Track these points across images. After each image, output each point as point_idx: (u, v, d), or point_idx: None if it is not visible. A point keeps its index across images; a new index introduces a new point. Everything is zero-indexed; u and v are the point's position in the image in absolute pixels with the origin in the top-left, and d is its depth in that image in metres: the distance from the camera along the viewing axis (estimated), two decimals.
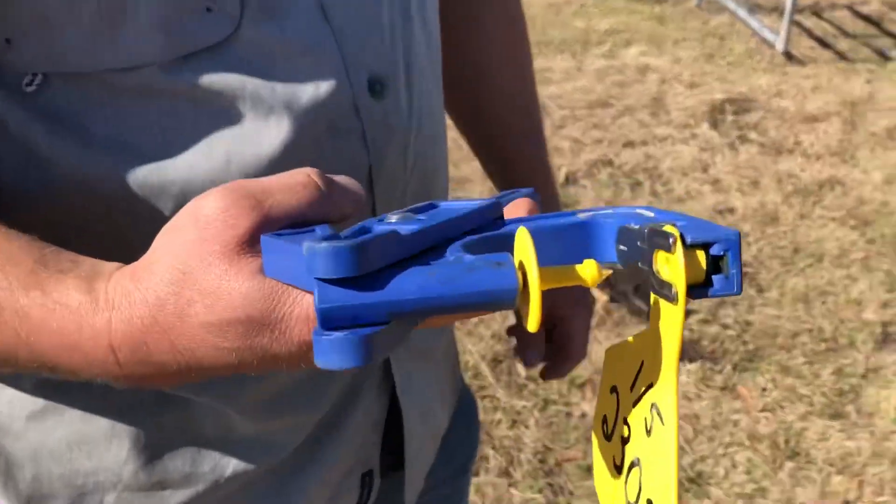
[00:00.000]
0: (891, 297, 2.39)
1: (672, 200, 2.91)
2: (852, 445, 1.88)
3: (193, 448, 0.57)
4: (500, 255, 0.30)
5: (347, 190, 0.40)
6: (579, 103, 3.69)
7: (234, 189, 0.36)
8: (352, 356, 0.28)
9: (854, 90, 3.96)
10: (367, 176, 0.54)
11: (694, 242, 0.29)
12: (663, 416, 0.31)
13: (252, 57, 0.47)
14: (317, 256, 0.28)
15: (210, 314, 0.35)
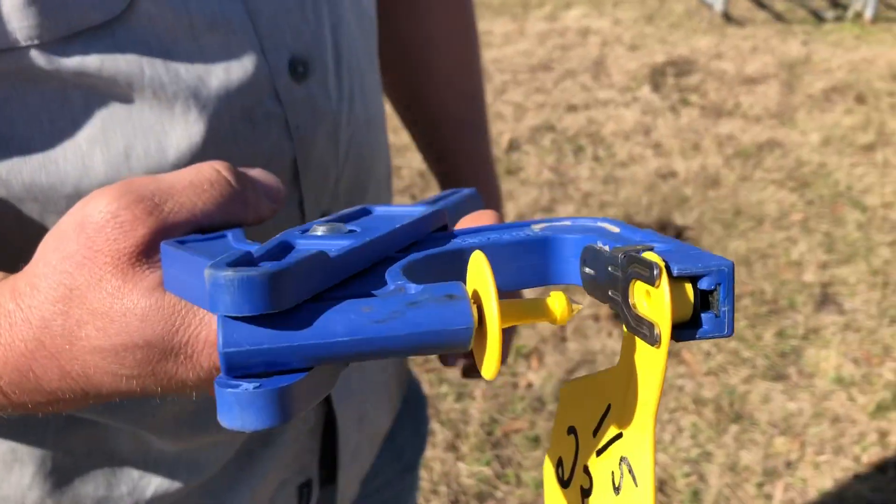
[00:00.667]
0: (829, 258, 2.43)
1: (615, 165, 2.90)
2: (794, 406, 1.90)
3: (108, 470, 0.51)
4: (451, 286, 0.24)
5: (264, 187, 0.36)
6: (521, 67, 3.65)
7: (127, 191, 0.31)
8: (263, 414, 0.23)
9: (791, 52, 3.99)
10: (291, 167, 0.48)
11: (681, 274, 0.24)
12: (637, 475, 0.27)
13: (150, 36, 0.41)
14: (220, 288, 0.22)
15: (103, 338, 0.30)
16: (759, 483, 1.71)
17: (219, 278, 0.22)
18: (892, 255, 2.44)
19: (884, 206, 2.69)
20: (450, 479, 1.71)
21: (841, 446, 1.81)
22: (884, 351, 2.07)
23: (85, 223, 0.31)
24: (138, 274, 0.30)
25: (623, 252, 0.26)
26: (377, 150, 0.58)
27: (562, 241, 0.30)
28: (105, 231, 0.30)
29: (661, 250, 0.26)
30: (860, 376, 1.99)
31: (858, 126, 3.23)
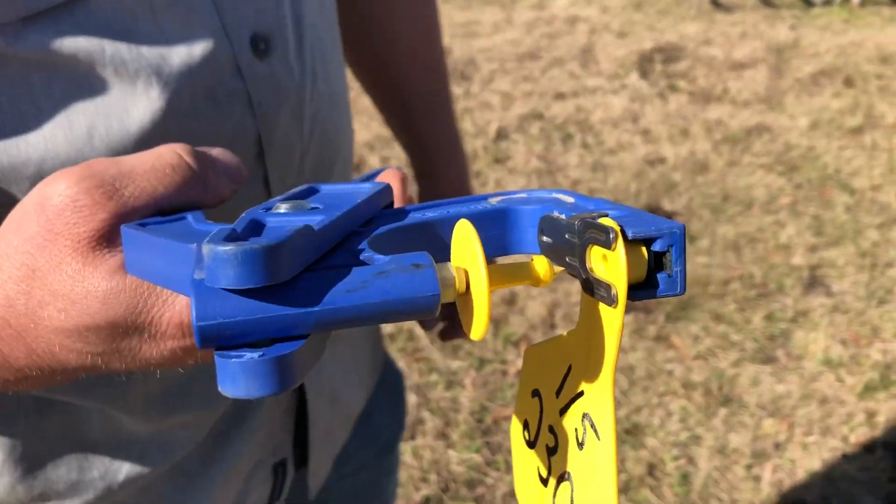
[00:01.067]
0: (817, 241, 2.43)
1: (604, 152, 2.90)
2: (782, 389, 1.91)
3: (80, 454, 0.51)
4: (417, 255, 0.25)
5: (225, 167, 0.36)
6: (509, 56, 3.64)
7: (87, 175, 0.31)
8: (268, 381, 0.23)
9: (779, 36, 3.99)
10: (255, 144, 0.48)
11: (635, 237, 0.25)
12: (599, 430, 0.28)
13: (110, 16, 0.41)
14: (224, 262, 0.22)
15: (65, 319, 0.31)
16: (747, 465, 1.71)
17: (220, 253, 0.22)
18: (879, 236, 2.45)
19: (872, 188, 2.69)
20: (440, 467, 1.71)
21: (829, 427, 1.81)
22: (872, 332, 2.08)
23: (45, 205, 0.31)
24: (98, 257, 0.30)
25: (579, 219, 0.27)
26: (342, 127, 0.58)
27: (520, 213, 0.31)
28: (65, 215, 0.30)
29: (615, 216, 0.27)
30: (848, 357, 1.99)
31: (846, 109, 3.23)
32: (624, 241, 0.25)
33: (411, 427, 1.80)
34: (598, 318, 0.27)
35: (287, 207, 0.29)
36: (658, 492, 1.66)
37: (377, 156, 2.81)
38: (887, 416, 1.84)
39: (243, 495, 0.60)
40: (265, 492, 0.62)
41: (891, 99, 3.31)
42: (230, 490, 0.58)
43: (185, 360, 0.33)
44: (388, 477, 0.80)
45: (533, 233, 0.31)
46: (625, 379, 1.93)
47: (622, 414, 1.83)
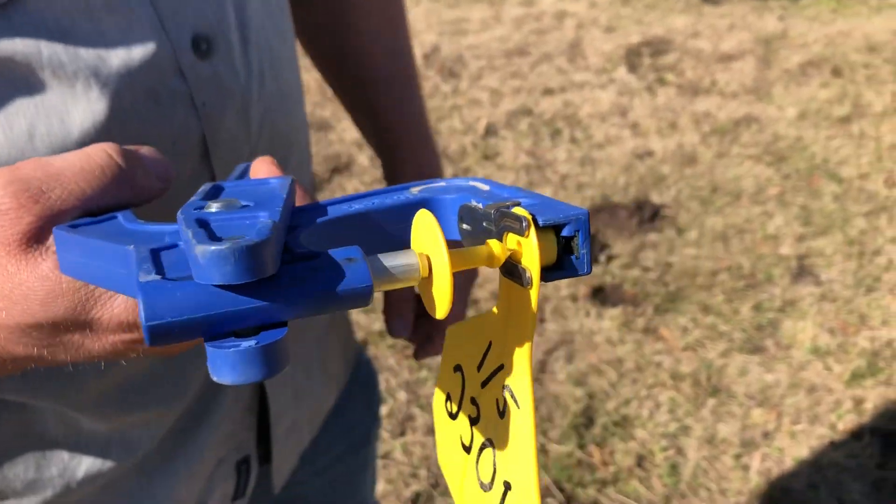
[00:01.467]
0: (805, 230, 2.44)
1: (592, 146, 2.90)
2: (771, 378, 1.92)
3: (37, 452, 0.51)
4: (349, 250, 0.27)
5: (154, 165, 0.36)
6: (497, 53, 3.65)
7: (13, 179, 0.32)
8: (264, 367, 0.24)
9: (767, 27, 3.99)
10: (200, 145, 0.48)
11: (546, 224, 0.28)
12: (518, 399, 0.30)
13: (47, 17, 0.41)
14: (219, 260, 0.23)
15: (7, 318, 0.32)
16: (736, 454, 1.72)
17: (215, 252, 0.23)
18: (867, 225, 2.45)
19: (860, 177, 2.70)
20: (430, 463, 1.72)
21: (817, 415, 1.82)
22: (860, 320, 2.08)
23: None
24: (32, 260, 0.31)
25: (495, 208, 0.28)
26: (294, 125, 0.59)
27: (441, 202, 0.33)
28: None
29: (527, 204, 0.29)
30: (836, 346, 2.00)
31: (834, 99, 3.23)
32: (535, 229, 0.27)
33: (401, 423, 1.81)
34: (516, 297, 0.29)
35: (220, 206, 0.30)
36: (647, 483, 1.66)
37: (366, 154, 2.82)
38: (875, 402, 1.84)
39: (206, 492, 0.60)
40: (228, 489, 0.62)
41: (878, 88, 3.31)
42: (192, 487, 0.59)
43: (128, 353, 0.34)
44: (364, 470, 0.81)
45: (454, 220, 0.32)
46: (613, 371, 1.93)
47: (611, 406, 1.84)
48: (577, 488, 1.65)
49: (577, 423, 1.79)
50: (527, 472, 0.29)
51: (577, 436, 1.76)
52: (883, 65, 3.53)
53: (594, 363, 1.96)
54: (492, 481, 0.32)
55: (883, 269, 2.27)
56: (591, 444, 1.76)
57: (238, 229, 0.26)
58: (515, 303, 0.29)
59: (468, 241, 0.32)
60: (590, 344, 2.02)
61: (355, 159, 2.80)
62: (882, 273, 2.25)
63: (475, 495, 0.33)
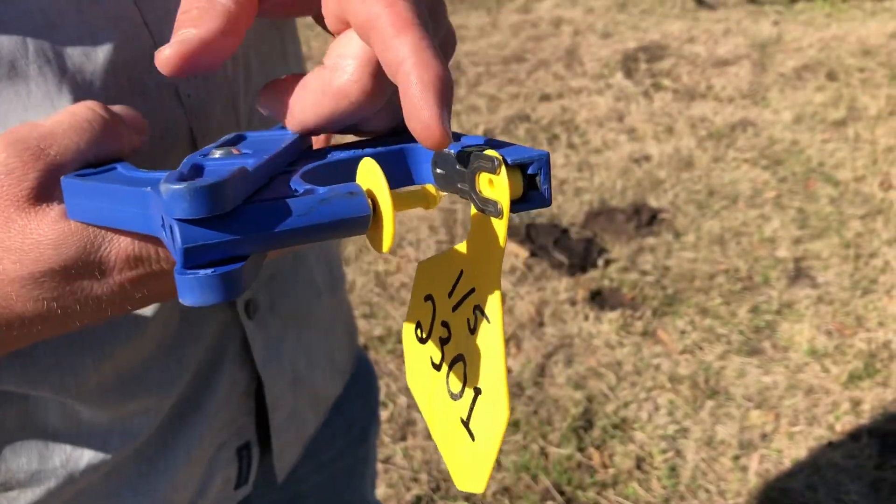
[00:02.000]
0: (802, 233, 2.45)
1: (589, 151, 2.92)
2: (769, 380, 1.93)
3: (40, 443, 0.52)
4: (349, 186, 0.30)
5: (130, 120, 0.38)
6: (494, 59, 3.67)
7: (13, 141, 0.34)
8: (220, 291, 0.28)
9: (763, 32, 4.02)
10: (188, 137, 0.49)
11: (514, 163, 0.31)
12: (489, 315, 0.33)
13: (34, 11, 0.42)
14: (179, 197, 0.27)
15: (21, 269, 0.34)
16: (734, 456, 1.73)
17: (176, 190, 0.27)
18: (863, 227, 2.47)
19: (855, 180, 2.72)
20: (431, 467, 1.73)
21: (815, 416, 1.83)
22: (856, 322, 2.10)
23: None
24: (41, 210, 0.33)
25: (468, 152, 0.33)
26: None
27: (415, 150, 0.37)
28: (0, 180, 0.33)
29: (494, 146, 0.33)
30: (833, 347, 2.02)
31: (830, 102, 3.26)
32: (505, 167, 0.31)
33: (402, 428, 1.82)
34: (487, 228, 0.33)
35: (220, 153, 0.34)
36: (646, 485, 1.68)
37: None
38: (872, 404, 1.86)
39: (207, 478, 0.61)
40: (231, 475, 0.63)
41: (873, 91, 3.33)
42: (192, 472, 0.60)
43: (134, 295, 0.36)
44: (364, 467, 0.82)
45: (428, 166, 0.36)
46: (612, 374, 1.95)
47: (610, 409, 1.85)
48: (576, 491, 1.66)
49: (577, 426, 1.80)
50: (497, 377, 0.33)
51: (577, 439, 1.77)
52: (878, 68, 3.55)
53: (593, 366, 1.97)
54: (461, 391, 0.35)
55: (879, 271, 2.29)
56: (590, 446, 1.77)
57: (224, 172, 0.29)
58: (487, 233, 0.33)
59: (441, 183, 0.36)
60: (588, 347, 2.03)
61: None
62: (878, 275, 2.27)
63: (444, 407, 0.36)
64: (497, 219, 0.32)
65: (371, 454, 0.84)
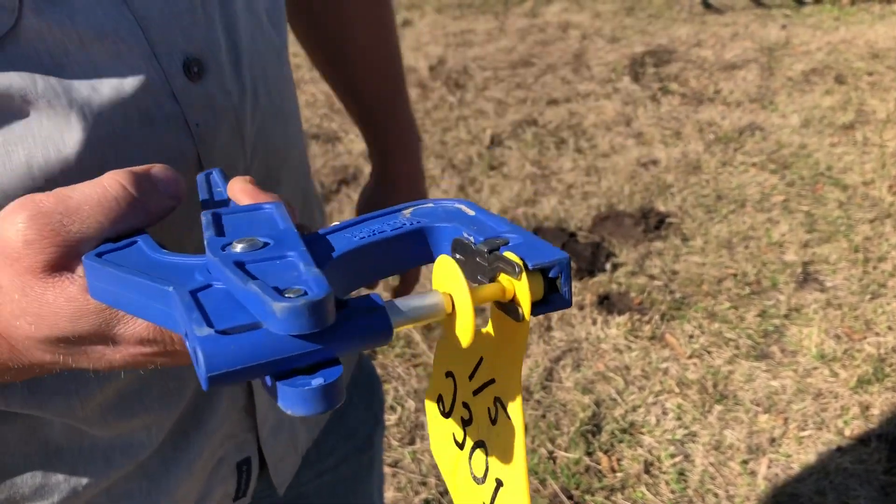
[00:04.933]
0: (810, 237, 2.45)
1: (597, 155, 2.92)
2: (777, 384, 1.93)
3: (44, 458, 0.53)
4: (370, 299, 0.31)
5: (165, 185, 0.39)
6: (502, 64, 3.67)
7: (36, 214, 0.35)
8: (326, 401, 0.28)
9: (771, 36, 4.02)
10: (196, 164, 0.50)
11: (535, 268, 0.31)
12: (509, 412, 0.34)
13: (40, 50, 0.43)
14: (295, 315, 0.27)
15: (37, 332, 0.35)
16: (743, 461, 1.73)
17: (290, 308, 0.27)
18: (872, 231, 2.46)
19: (864, 183, 2.71)
20: (439, 471, 1.73)
21: (823, 421, 1.83)
22: (865, 326, 2.09)
23: (2, 237, 0.35)
24: (59, 282, 0.35)
25: (488, 248, 0.33)
26: (289, 140, 0.60)
27: (436, 230, 0.37)
28: (18, 249, 0.34)
29: (514, 245, 0.33)
30: (842, 352, 2.01)
31: (838, 106, 3.25)
32: (526, 273, 0.31)
33: (410, 432, 1.82)
34: (507, 326, 0.33)
35: (245, 246, 0.33)
36: (655, 489, 1.68)
37: None
38: (881, 408, 1.85)
39: (206, 491, 0.62)
40: (230, 489, 0.64)
41: (881, 95, 3.33)
42: (192, 486, 0.60)
43: (147, 364, 0.38)
44: (369, 474, 0.82)
45: (447, 247, 0.36)
46: (620, 379, 1.95)
47: (619, 413, 1.85)
48: (585, 495, 1.66)
49: (585, 430, 1.81)
50: (518, 476, 0.33)
51: (585, 443, 1.78)
52: (886, 72, 3.54)
53: (601, 371, 1.98)
54: (484, 476, 0.36)
55: (888, 275, 2.28)
56: (598, 451, 1.77)
57: (285, 277, 0.30)
58: (508, 332, 0.33)
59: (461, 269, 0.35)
60: (597, 351, 2.03)
61: (362, 170, 2.82)
62: (887, 279, 2.26)
63: (468, 486, 0.37)
64: (518, 322, 0.32)
65: (376, 460, 0.85)
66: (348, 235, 0.36)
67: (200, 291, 0.31)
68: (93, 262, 0.34)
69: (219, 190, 0.43)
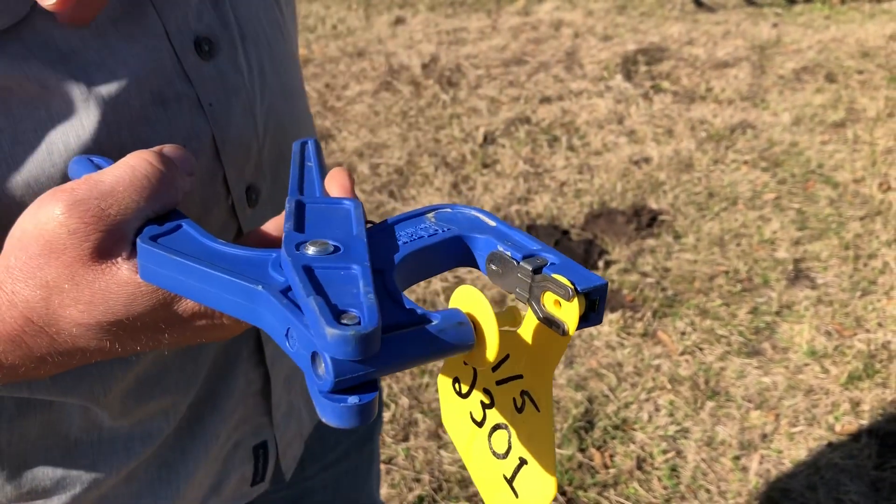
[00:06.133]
0: (801, 234, 2.46)
1: (589, 153, 2.93)
2: (768, 381, 1.94)
3: (63, 451, 0.54)
4: (457, 314, 0.34)
5: (182, 163, 0.39)
6: (494, 62, 3.68)
7: (75, 203, 0.35)
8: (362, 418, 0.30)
9: (762, 34, 4.03)
10: (211, 144, 0.50)
11: (583, 292, 0.35)
12: (539, 405, 0.36)
13: (57, 36, 0.43)
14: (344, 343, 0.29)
15: (89, 317, 0.36)
16: (735, 456, 1.74)
17: (340, 336, 0.29)
18: (862, 228, 2.48)
19: (854, 181, 2.73)
20: (433, 467, 1.74)
21: (814, 417, 1.84)
22: (856, 322, 2.11)
23: (43, 230, 0.35)
24: (107, 268, 0.35)
25: (533, 268, 0.36)
26: (298, 119, 0.60)
27: (473, 240, 0.40)
28: (62, 239, 0.35)
29: (556, 266, 0.36)
30: (833, 348, 2.03)
31: (829, 104, 3.27)
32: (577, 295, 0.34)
33: (404, 429, 1.83)
34: (547, 336, 0.36)
35: (316, 250, 0.35)
36: (647, 485, 1.69)
37: (367, 163, 2.84)
38: (871, 404, 1.87)
39: (223, 475, 0.63)
40: (247, 473, 0.65)
41: (872, 93, 3.35)
42: (208, 470, 0.61)
43: (192, 340, 0.38)
44: (370, 465, 0.83)
45: (480, 256, 0.39)
46: (613, 376, 1.96)
47: (611, 410, 1.86)
48: (577, 491, 1.67)
49: (578, 426, 1.81)
50: (547, 459, 0.36)
51: (578, 439, 1.78)
52: (876, 70, 3.56)
53: (594, 367, 1.98)
54: (506, 453, 0.38)
55: (878, 272, 2.30)
56: (591, 447, 1.78)
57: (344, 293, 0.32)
58: (546, 341, 0.36)
59: (494, 279, 0.39)
60: (589, 348, 2.04)
61: (356, 168, 2.83)
62: (877, 276, 2.28)
63: (486, 459, 0.39)
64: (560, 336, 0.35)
65: (375, 453, 0.85)
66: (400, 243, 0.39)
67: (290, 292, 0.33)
68: (148, 245, 0.35)
69: (309, 164, 0.45)
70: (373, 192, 2.69)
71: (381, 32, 4.00)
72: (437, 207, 0.41)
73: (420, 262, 0.39)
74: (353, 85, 3.46)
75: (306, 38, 3.98)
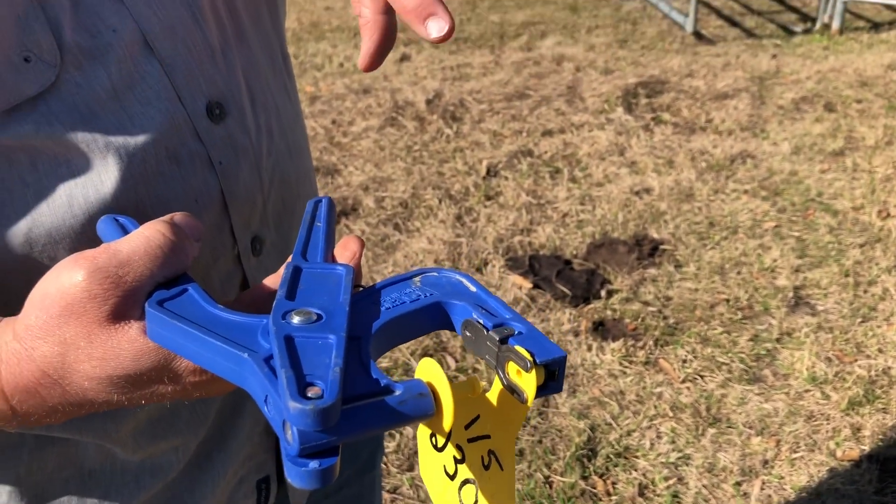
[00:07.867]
0: (801, 262, 2.49)
1: (591, 185, 2.98)
2: (769, 407, 1.96)
3: (78, 481, 0.57)
4: (418, 385, 0.36)
5: (190, 230, 0.44)
6: (497, 96, 3.74)
7: (95, 270, 0.39)
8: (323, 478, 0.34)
9: (762, 65, 4.09)
10: (220, 199, 0.55)
11: (541, 363, 0.38)
12: (503, 464, 0.40)
13: (79, 101, 0.47)
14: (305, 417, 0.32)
15: (101, 372, 0.40)
16: (736, 482, 1.76)
17: (300, 410, 0.32)
18: (862, 255, 2.50)
19: (854, 209, 2.76)
20: None
21: (815, 442, 1.86)
22: (856, 349, 2.13)
23: (65, 294, 0.39)
24: (121, 329, 0.40)
25: (500, 337, 0.39)
26: (302, 174, 0.65)
27: (450, 306, 0.43)
28: (83, 302, 0.39)
29: (521, 337, 0.39)
30: (833, 374, 2.04)
31: (828, 133, 3.31)
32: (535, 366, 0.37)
33: (409, 458, 1.85)
34: (510, 403, 0.39)
35: (300, 320, 0.38)
36: None
37: (372, 196, 2.89)
38: (872, 430, 1.88)
39: None
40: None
41: (870, 122, 3.39)
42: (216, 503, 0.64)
43: (195, 394, 0.42)
44: (372, 492, 0.86)
45: (458, 321, 0.43)
46: (615, 403, 1.98)
47: (614, 437, 1.88)
48: None
49: (581, 454, 1.83)
50: None
51: (581, 467, 1.80)
52: (875, 99, 3.61)
53: (596, 396, 2.01)
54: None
55: (878, 298, 2.32)
56: (594, 475, 1.79)
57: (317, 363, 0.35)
58: (509, 407, 0.40)
59: (468, 345, 0.42)
60: (592, 377, 2.07)
61: (361, 202, 2.88)
62: (877, 303, 2.30)
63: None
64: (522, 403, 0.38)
65: (377, 481, 0.88)
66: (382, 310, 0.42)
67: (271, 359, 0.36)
68: (155, 310, 0.39)
69: (318, 225, 0.48)
70: (378, 225, 2.73)
71: (386, 69, 4.08)
72: (423, 271, 0.45)
73: (400, 327, 0.41)
74: (359, 121, 3.53)
75: (314, 76, 4.06)
